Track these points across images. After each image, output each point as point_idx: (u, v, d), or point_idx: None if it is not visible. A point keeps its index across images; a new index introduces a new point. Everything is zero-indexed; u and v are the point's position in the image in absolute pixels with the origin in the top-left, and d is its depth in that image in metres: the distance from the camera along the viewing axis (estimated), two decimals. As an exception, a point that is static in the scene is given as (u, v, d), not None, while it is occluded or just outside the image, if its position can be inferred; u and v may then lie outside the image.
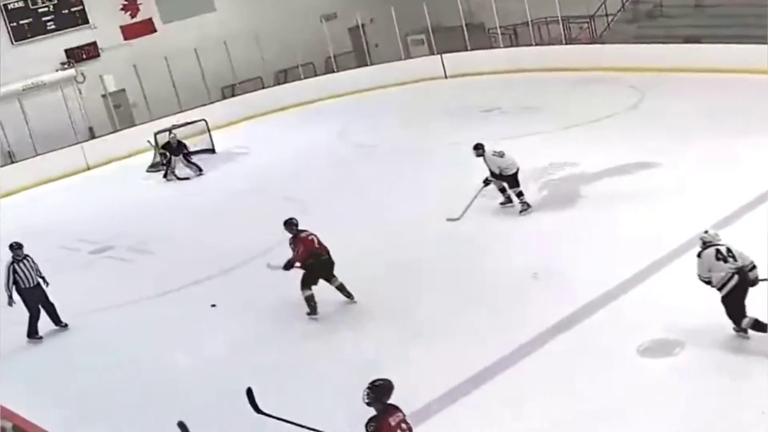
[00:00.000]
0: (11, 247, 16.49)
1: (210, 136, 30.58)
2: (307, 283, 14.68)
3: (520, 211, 17.72)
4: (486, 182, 17.92)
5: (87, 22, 34.70)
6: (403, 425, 8.47)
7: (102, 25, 34.82)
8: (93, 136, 33.74)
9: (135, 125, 33.76)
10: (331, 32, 36.95)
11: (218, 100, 35.62)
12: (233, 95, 36.31)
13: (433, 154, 23.61)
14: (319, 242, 14.69)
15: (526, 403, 10.85)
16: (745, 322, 10.91)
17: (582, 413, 10.41)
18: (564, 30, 33.12)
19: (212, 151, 30.16)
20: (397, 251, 16.76)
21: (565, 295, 13.42)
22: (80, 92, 34.45)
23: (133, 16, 35.46)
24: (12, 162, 32.11)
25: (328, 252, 14.73)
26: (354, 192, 21.38)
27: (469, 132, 23.53)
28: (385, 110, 30.90)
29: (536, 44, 33.50)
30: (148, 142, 29.67)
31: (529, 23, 33.20)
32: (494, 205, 18.19)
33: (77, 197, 27.69)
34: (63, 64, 34.28)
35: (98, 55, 34.84)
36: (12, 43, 33.15)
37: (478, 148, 17.85)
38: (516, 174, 17.72)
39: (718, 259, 10.82)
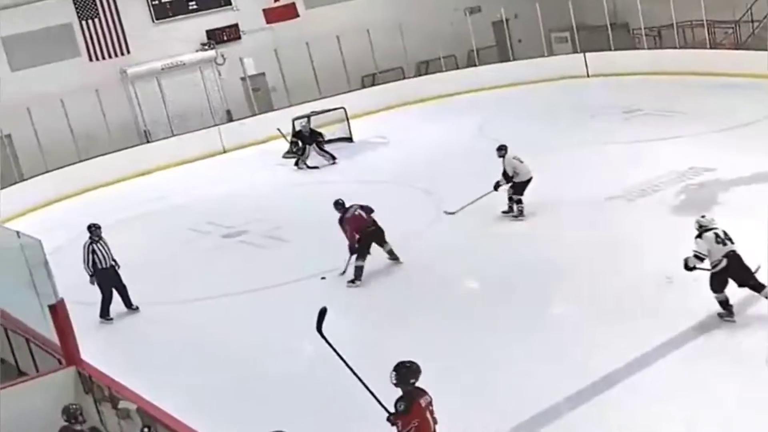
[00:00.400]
0: (90, 228, 16.77)
1: (348, 124, 30.08)
2: (361, 254, 15.86)
3: (508, 213, 18.29)
4: (497, 186, 18.28)
5: (230, 3, 34.62)
6: (431, 408, 8.53)
7: (244, 7, 34.64)
8: (230, 119, 33.64)
9: (273, 110, 33.54)
10: (474, 26, 36.17)
11: (358, 89, 35.27)
12: (373, 84, 35.91)
13: (571, 153, 22.85)
14: (366, 215, 15.98)
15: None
16: (716, 296, 12.26)
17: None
18: (709, 34, 31.84)
19: (350, 139, 29.68)
20: (529, 249, 16.54)
21: (695, 298, 12.88)
22: (219, 74, 34.39)
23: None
24: (148, 141, 32.23)
25: (374, 222, 16.09)
26: (489, 187, 20.41)
27: (609, 133, 23.46)
28: (525, 107, 30.21)
29: (680, 47, 32.19)
30: (278, 130, 29.35)
31: (674, 26, 31.93)
32: (629, 210, 17.66)
33: (211, 180, 27.48)
34: (203, 44, 34.20)
35: (239, 38, 34.69)
36: (153, 21, 33.26)
37: (501, 149, 18.21)
38: (526, 183, 18.09)
39: (717, 242, 12.09)
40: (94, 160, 29.92)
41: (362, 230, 15.97)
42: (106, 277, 16.56)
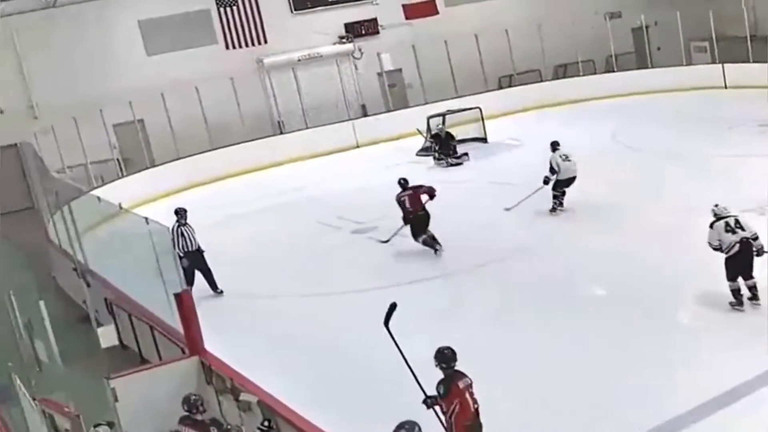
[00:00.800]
0: (176, 212, 17.39)
1: (483, 124, 29.72)
2: (415, 234, 17.96)
3: (551, 210, 19.37)
4: (545, 181, 19.25)
5: (369, -3, 34.54)
6: (471, 390, 8.99)
7: (384, 1, 34.62)
8: (365, 114, 33.60)
9: (408, 107, 33.46)
10: (614, 31, 35.56)
11: (495, 89, 35.05)
12: (510, 86, 35.66)
13: (705, 164, 22.35)
14: (413, 202, 17.95)
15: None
16: (730, 284, 12.96)
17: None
18: None
19: (484, 140, 29.34)
20: (649, 253, 16.20)
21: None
22: (356, 68, 34.48)
23: (417, -4, 34.79)
24: (281, 133, 32.28)
25: (423, 208, 17.96)
26: (617, 193, 20.64)
27: (745, 145, 23.01)
28: (660, 115, 29.76)
29: (821, 62, 30.91)
30: (417, 130, 29.01)
31: (815, 40, 30.66)
32: (761, 223, 16.37)
33: (343, 175, 27.34)
34: (341, 38, 34.25)
35: (377, 32, 34.69)
36: (292, 11, 33.47)
37: (553, 145, 19.41)
38: (569, 181, 19.22)
39: (726, 231, 12.84)
40: (226, 149, 29.99)
41: (410, 213, 18.08)
42: (192, 259, 16.86)
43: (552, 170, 19.07)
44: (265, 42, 32.64)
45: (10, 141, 29.07)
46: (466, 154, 26.96)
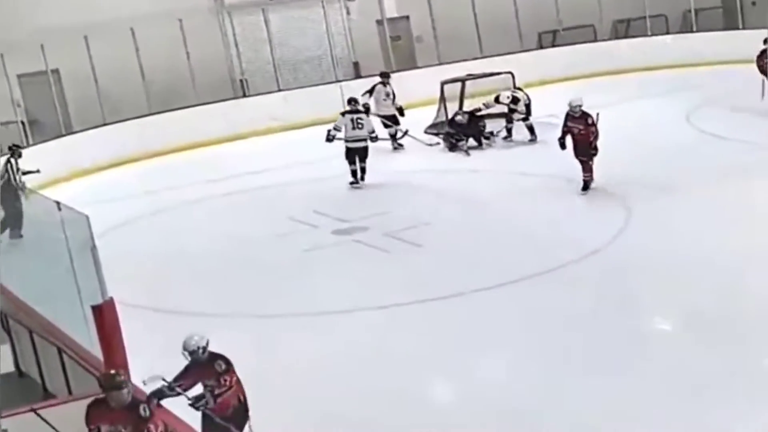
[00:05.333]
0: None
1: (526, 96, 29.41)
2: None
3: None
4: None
5: None
6: None
7: (389, -77, 35.06)
8: (358, 75, 33.92)
9: (416, 67, 33.90)
10: (696, -21, 36.24)
11: (533, 49, 35.61)
12: (554, 45, 36.30)
13: None
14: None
15: None
16: None
17: None
18: None
19: (525, 117, 29.01)
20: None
21: None
22: (348, 13, 34.78)
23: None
24: (244, 95, 32.62)
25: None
26: (686, 192, 21.02)
27: None
28: (751, 91, 28.94)
29: None
30: (407, 133, 28.38)
31: None
32: None
33: (325, 155, 26.62)
34: (330, -29, 34.36)
35: (380, -32, 34.95)
36: None
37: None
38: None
39: None
40: (170, 114, 30.32)
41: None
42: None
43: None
44: (228, -29, 32.87)
45: None
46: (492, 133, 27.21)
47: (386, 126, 27.39)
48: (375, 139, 24.41)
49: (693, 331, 14.55)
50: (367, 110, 25.47)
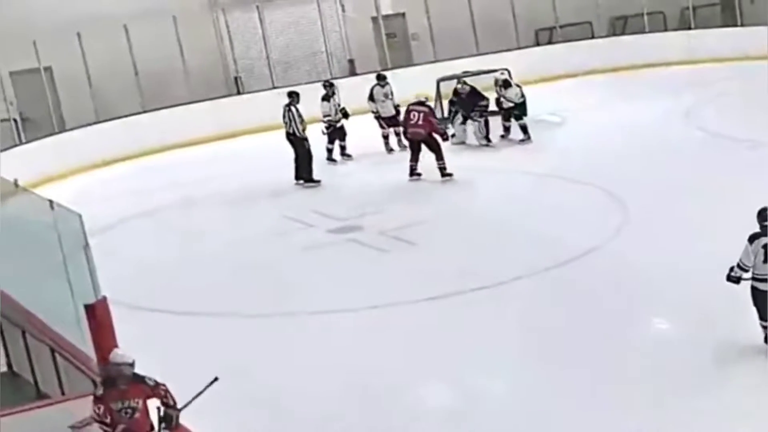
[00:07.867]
0: None
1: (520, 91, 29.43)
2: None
3: None
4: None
5: None
6: None
7: None
8: (353, 73, 33.95)
9: (412, 65, 33.92)
10: (694, -26, 36.31)
11: (529, 46, 35.58)
12: (550, 42, 36.34)
13: None
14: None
15: None
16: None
17: None
18: None
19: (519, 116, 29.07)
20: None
21: None
22: (343, 9, 34.76)
23: None
24: (239, 93, 32.72)
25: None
26: (685, 190, 20.85)
27: None
28: (756, 89, 28.96)
29: None
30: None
31: None
32: None
33: (321, 153, 27.05)
34: (325, -33, 34.46)
35: (374, -37, 34.94)
36: None
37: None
38: None
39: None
40: (164, 112, 30.36)
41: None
42: None
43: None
44: (222, -31, 32.91)
45: None
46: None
47: (390, 126, 27.45)
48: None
49: (693, 331, 14.48)
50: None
